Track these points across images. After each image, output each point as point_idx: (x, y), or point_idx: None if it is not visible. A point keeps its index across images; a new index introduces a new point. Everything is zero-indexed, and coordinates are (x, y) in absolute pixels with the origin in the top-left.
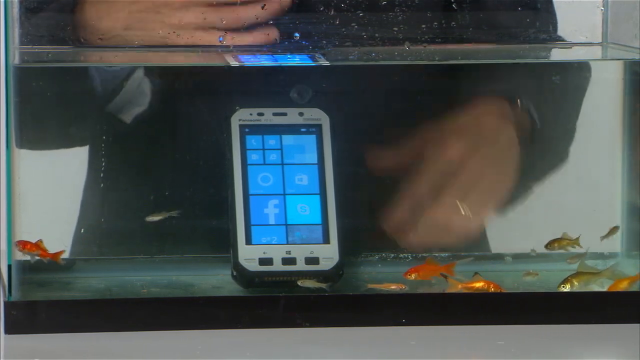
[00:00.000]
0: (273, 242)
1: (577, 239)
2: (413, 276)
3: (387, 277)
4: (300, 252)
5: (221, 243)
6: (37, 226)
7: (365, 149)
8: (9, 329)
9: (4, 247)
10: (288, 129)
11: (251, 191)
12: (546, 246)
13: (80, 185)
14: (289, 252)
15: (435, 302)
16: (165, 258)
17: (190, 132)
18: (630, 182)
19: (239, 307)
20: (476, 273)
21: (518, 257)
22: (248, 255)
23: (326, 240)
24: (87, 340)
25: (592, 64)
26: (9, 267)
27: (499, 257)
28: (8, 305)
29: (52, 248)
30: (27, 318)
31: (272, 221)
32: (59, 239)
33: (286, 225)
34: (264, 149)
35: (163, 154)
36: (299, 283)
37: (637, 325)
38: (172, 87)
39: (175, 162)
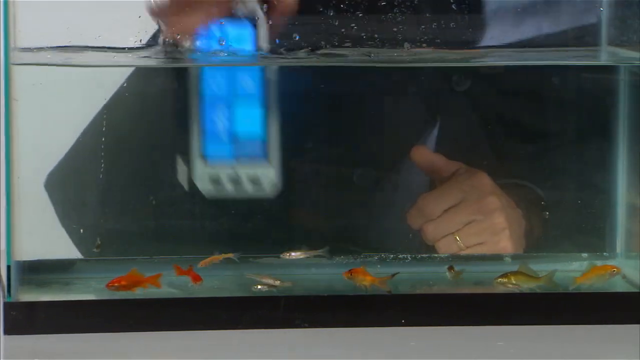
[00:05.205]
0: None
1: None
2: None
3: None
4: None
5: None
6: (37, 226)
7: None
8: (9, 329)
9: (3, 247)
10: None
11: None
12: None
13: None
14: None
15: (435, 303)
16: (165, 258)
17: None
18: (630, 182)
19: (239, 307)
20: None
21: (518, 257)
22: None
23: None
24: (87, 341)
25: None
26: (9, 267)
27: (498, 258)
28: (8, 306)
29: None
30: (27, 318)
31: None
32: (59, 238)
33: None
34: None
35: (162, 153)
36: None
37: (637, 325)
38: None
39: (174, 162)
